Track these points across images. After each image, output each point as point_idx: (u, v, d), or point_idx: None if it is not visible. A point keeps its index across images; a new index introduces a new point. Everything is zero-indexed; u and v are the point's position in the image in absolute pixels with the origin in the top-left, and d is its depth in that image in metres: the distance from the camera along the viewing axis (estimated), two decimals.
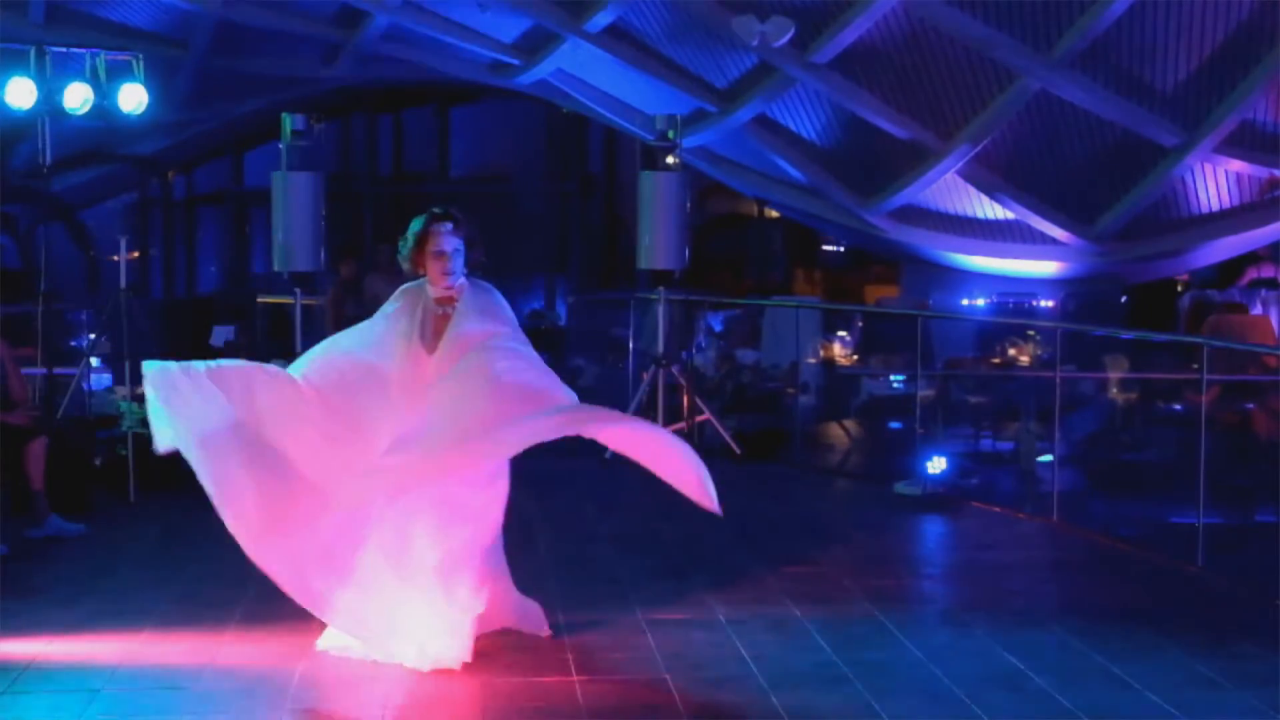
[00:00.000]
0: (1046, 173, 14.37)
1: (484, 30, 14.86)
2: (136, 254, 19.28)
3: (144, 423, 9.09)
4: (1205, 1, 12.73)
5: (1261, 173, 14.06)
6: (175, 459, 9.15)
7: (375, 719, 4.90)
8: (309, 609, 5.30)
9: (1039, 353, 13.62)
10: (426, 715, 4.91)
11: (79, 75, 9.34)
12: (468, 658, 5.30)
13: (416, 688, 5.16)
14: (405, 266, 5.52)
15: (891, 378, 13.64)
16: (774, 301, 15.64)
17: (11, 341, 8.51)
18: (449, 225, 5.45)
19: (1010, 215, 14.78)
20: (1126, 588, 6.99)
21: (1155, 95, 13.50)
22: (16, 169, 15.85)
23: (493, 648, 5.58)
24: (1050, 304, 15.70)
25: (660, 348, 10.93)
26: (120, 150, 17.89)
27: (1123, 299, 16.28)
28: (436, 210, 5.54)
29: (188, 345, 11.32)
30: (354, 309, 11.47)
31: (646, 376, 10.96)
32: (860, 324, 15.42)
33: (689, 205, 10.92)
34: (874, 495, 9.36)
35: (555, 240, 20.22)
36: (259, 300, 12.39)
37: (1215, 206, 14.51)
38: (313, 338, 11.24)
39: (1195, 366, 10.33)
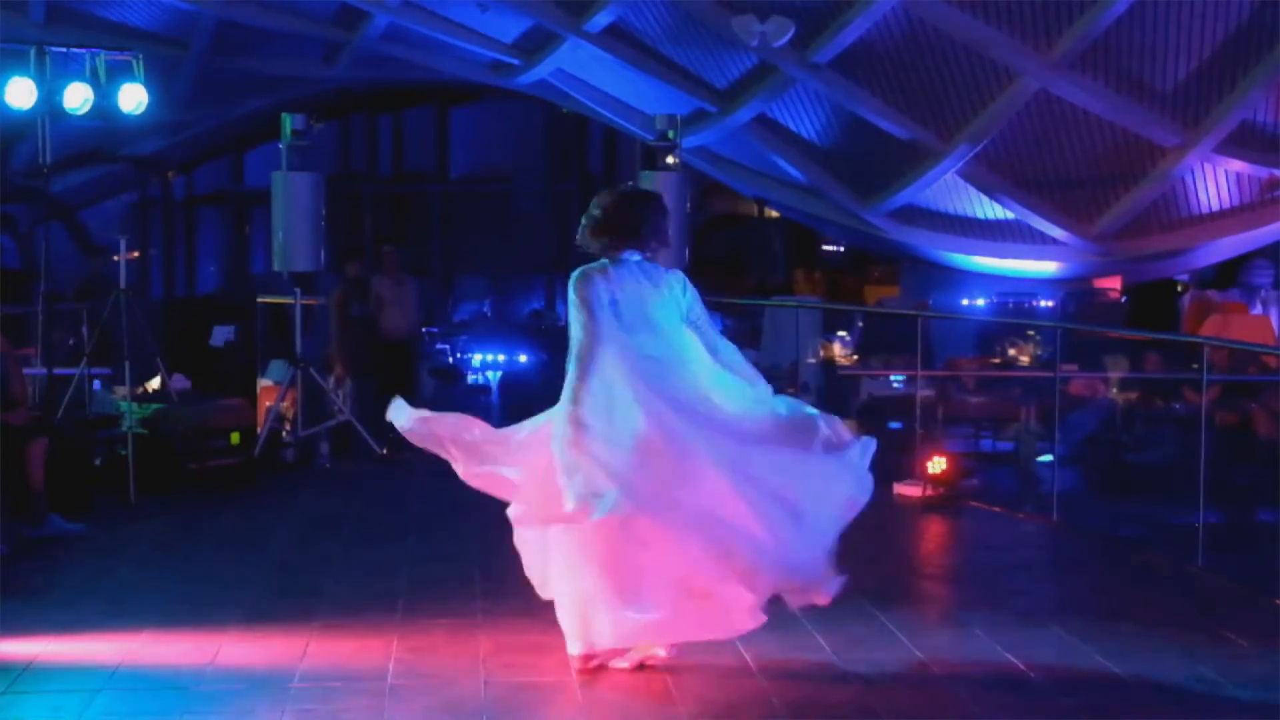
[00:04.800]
0: (1046, 173, 14.37)
1: (484, 30, 14.86)
2: (136, 254, 19.28)
3: (144, 423, 9.17)
4: (1205, 1, 12.73)
5: (1261, 173, 14.06)
6: (174, 460, 9.17)
7: (374, 718, 4.90)
8: None
9: (1039, 353, 13.62)
10: (425, 714, 4.91)
11: (79, 75, 9.34)
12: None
13: (417, 687, 5.16)
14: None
15: (891, 378, 13.64)
16: (774, 301, 15.63)
17: (12, 341, 8.51)
18: None
19: (1010, 215, 14.78)
20: (1126, 588, 6.99)
21: (1155, 95, 13.50)
22: (16, 169, 15.86)
23: (493, 647, 5.59)
24: (1050, 304, 15.70)
25: None
26: (120, 150, 17.89)
27: (1123, 299, 16.29)
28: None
29: (187, 345, 11.33)
30: (359, 309, 11.49)
31: None
32: (860, 324, 15.41)
33: (689, 205, 10.92)
34: (874, 495, 9.33)
35: (555, 240, 20.20)
36: (259, 300, 12.39)
37: (1215, 206, 14.51)
38: (313, 338, 11.29)
39: (1195, 366, 10.33)
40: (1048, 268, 15.41)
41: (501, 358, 16.62)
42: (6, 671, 5.31)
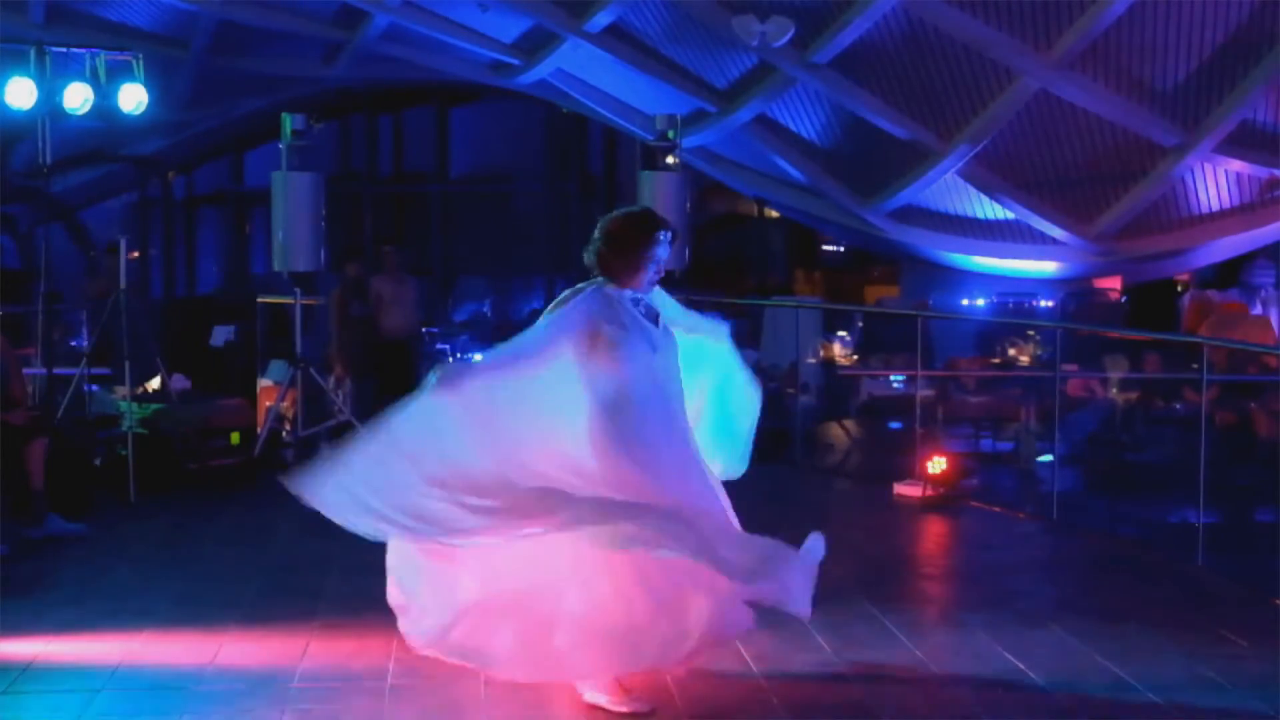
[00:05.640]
0: (1046, 173, 14.38)
1: (484, 30, 14.87)
2: (136, 254, 19.28)
3: (144, 423, 9.17)
4: (1205, 1, 12.74)
5: (1261, 173, 14.07)
6: (174, 460, 9.15)
7: (374, 718, 4.90)
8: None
9: (1039, 353, 13.64)
10: (425, 714, 4.91)
11: (79, 75, 9.34)
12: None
13: (417, 687, 5.16)
14: (595, 262, 5.02)
15: (891, 378, 13.65)
16: (774, 301, 15.64)
17: (12, 341, 8.51)
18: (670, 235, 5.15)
19: (1010, 215, 14.79)
20: (1126, 587, 6.99)
21: (1155, 95, 13.50)
22: (16, 169, 15.87)
23: None
24: (1050, 304, 15.72)
25: None
26: (120, 150, 17.90)
27: (1123, 299, 16.31)
28: (659, 217, 5.22)
29: (188, 345, 11.33)
30: (359, 309, 11.48)
31: None
32: (860, 324, 15.43)
33: (689, 205, 10.91)
34: (874, 495, 9.36)
35: (555, 240, 20.22)
36: (259, 300, 12.39)
37: (1215, 206, 14.52)
38: (313, 338, 11.27)
39: (1195, 366, 10.34)
40: (1048, 268, 15.42)
41: None
42: (6, 671, 5.30)
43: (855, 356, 14.75)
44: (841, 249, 20.16)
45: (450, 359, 15.84)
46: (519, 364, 4.91)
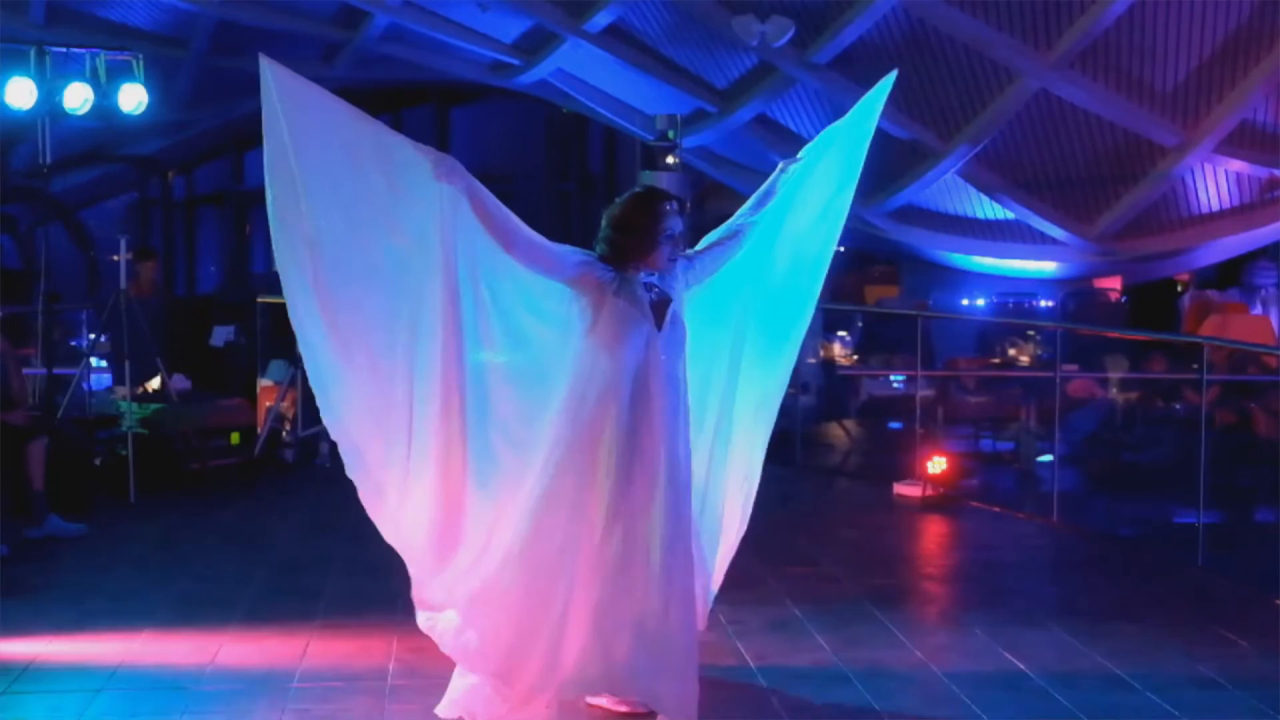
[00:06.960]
0: (1046, 173, 14.37)
1: (484, 30, 14.86)
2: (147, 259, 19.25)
3: (144, 423, 9.17)
4: (1205, 1, 12.74)
5: (1261, 173, 14.06)
6: (174, 459, 9.16)
7: (374, 718, 4.90)
8: None
9: (1039, 353, 13.64)
10: (426, 714, 4.91)
11: (79, 75, 9.35)
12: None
13: (417, 687, 5.16)
14: (610, 252, 4.99)
15: (891, 378, 13.65)
16: None
17: (12, 341, 8.51)
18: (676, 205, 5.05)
19: (1010, 215, 14.78)
20: (1126, 587, 6.99)
21: (1155, 95, 13.50)
22: (16, 169, 15.86)
23: None
24: (1050, 304, 15.72)
25: None
26: (120, 150, 17.89)
27: (1123, 299, 16.31)
28: (659, 189, 5.18)
29: (188, 345, 11.33)
30: None
31: None
32: (860, 324, 15.42)
33: (689, 205, 10.91)
34: (874, 495, 9.36)
35: (555, 240, 20.20)
36: (259, 300, 12.38)
37: (1215, 206, 14.52)
38: None
39: (1195, 366, 10.34)
40: (1048, 268, 15.41)
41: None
42: (6, 671, 5.31)
43: (855, 356, 14.74)
44: (841, 249, 20.11)
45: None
46: (517, 234, 5.18)
